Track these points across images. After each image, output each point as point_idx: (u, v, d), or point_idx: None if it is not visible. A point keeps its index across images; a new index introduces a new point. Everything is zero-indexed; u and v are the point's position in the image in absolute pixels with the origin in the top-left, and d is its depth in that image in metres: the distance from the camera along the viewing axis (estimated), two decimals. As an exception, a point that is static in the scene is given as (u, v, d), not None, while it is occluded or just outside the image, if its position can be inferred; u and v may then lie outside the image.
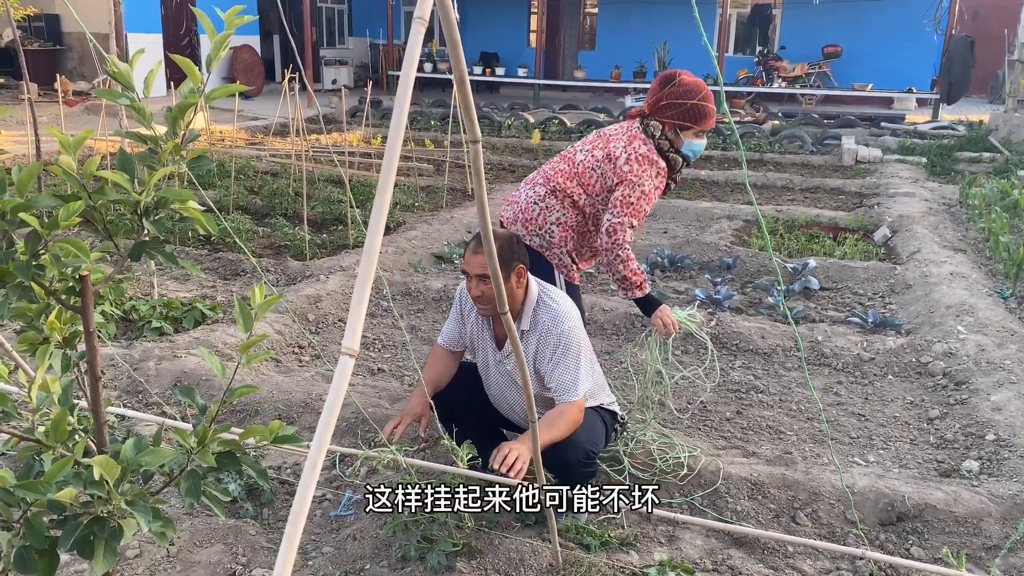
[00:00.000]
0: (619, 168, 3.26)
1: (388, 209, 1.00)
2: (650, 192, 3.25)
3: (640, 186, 3.23)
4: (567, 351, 2.75)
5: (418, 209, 7.79)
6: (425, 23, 1.08)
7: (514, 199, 3.56)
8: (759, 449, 3.54)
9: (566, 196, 3.37)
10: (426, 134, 12.59)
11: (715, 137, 12.45)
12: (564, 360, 2.75)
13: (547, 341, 2.77)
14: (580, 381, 2.75)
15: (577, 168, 3.38)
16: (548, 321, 2.78)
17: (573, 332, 2.78)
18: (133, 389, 3.90)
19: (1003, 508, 2.99)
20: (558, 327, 2.76)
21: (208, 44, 1.51)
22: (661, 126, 3.27)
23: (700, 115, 3.22)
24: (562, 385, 2.75)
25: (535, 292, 2.84)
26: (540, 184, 3.45)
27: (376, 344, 4.78)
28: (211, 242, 6.40)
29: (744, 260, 6.25)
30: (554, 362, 2.76)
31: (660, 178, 3.29)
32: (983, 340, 4.53)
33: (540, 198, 3.42)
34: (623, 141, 3.30)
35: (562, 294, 2.94)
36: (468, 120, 1.42)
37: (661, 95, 3.24)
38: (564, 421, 2.68)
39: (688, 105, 3.19)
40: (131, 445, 1.41)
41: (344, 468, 3.31)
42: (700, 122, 3.23)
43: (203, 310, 4.77)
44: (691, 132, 3.26)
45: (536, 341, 2.81)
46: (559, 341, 2.75)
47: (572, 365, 2.75)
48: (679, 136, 3.27)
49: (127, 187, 1.47)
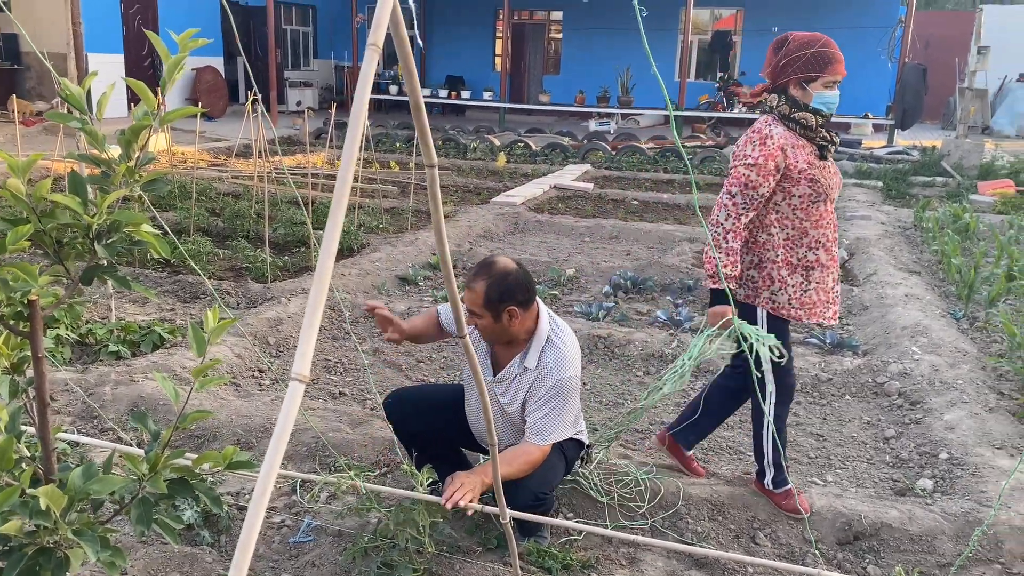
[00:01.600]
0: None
1: (340, 234, 1.00)
2: (756, 159, 2.89)
3: (741, 158, 2.94)
4: (556, 399, 2.72)
5: (383, 231, 7.77)
6: (378, 50, 1.09)
7: None
8: (719, 470, 3.57)
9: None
10: (391, 156, 12.60)
11: (678, 161, 12.64)
12: (550, 406, 2.72)
13: (544, 382, 2.73)
14: (555, 430, 2.73)
15: None
16: (552, 363, 2.73)
17: (571, 381, 2.73)
18: (88, 415, 3.82)
19: (956, 525, 3.04)
20: (560, 373, 2.71)
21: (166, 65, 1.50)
22: (781, 93, 3.00)
23: (823, 61, 2.95)
24: (538, 427, 2.72)
25: (545, 330, 2.77)
26: None
27: (338, 367, 4.75)
28: (171, 264, 6.32)
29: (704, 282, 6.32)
30: (540, 403, 2.73)
31: (771, 145, 2.90)
32: (936, 360, 4.62)
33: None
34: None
35: (572, 335, 2.86)
36: (424, 145, 1.43)
37: (779, 58, 3.01)
38: (524, 461, 2.66)
39: (808, 54, 2.95)
40: (80, 473, 1.39)
41: (304, 494, 3.27)
42: (825, 69, 2.95)
43: (162, 333, 4.70)
44: (818, 83, 2.95)
45: (533, 379, 2.76)
46: (555, 386, 2.71)
47: (556, 414, 2.72)
48: (806, 91, 2.96)
49: (79, 210, 1.46)
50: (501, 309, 2.65)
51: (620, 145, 14.06)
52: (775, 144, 2.91)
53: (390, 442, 3.47)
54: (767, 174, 2.89)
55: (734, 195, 2.91)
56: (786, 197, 2.97)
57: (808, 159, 2.95)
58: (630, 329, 5.23)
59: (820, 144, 2.99)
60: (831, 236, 3.06)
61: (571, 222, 8.63)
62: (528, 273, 2.76)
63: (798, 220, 2.99)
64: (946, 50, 21.40)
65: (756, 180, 2.89)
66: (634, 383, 4.64)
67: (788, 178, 2.94)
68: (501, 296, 2.64)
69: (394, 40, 1.26)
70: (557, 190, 10.69)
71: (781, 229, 3.01)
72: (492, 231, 8.26)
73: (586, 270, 6.80)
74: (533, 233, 8.45)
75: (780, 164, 2.91)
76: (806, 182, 2.94)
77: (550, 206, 9.87)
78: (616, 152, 13.37)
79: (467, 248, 7.39)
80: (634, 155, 13.06)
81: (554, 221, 8.70)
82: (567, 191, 10.70)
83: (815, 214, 2.99)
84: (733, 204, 2.91)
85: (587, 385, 4.60)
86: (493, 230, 8.28)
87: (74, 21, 5.00)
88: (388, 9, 1.10)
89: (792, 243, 3.01)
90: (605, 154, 13.25)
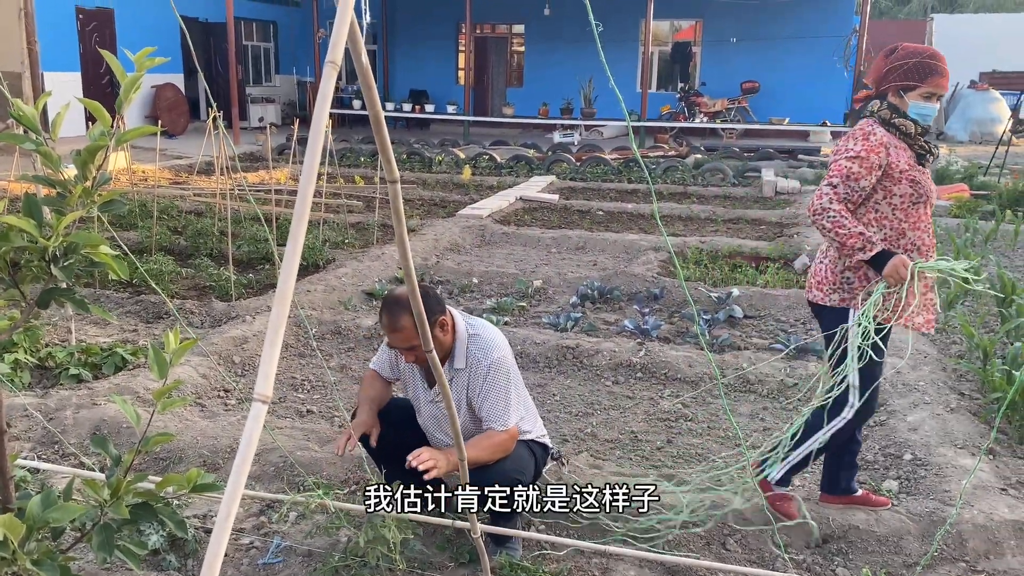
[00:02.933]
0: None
1: (301, 253, 1.00)
2: (859, 152, 2.89)
3: (842, 152, 2.95)
4: (496, 380, 2.78)
5: (348, 246, 7.73)
6: (337, 67, 1.09)
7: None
8: (690, 478, 3.59)
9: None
10: (356, 171, 12.55)
11: (641, 171, 12.74)
12: (493, 390, 2.78)
13: (477, 372, 2.80)
14: (510, 410, 2.79)
15: None
16: (477, 352, 2.81)
17: (502, 362, 2.80)
18: (48, 440, 3.74)
19: (921, 526, 3.09)
20: (488, 357, 2.79)
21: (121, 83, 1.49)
22: (882, 99, 3.01)
23: (924, 72, 2.92)
24: (493, 414, 2.77)
25: (463, 330, 2.85)
26: None
27: (305, 385, 4.70)
28: (133, 284, 6.22)
29: (670, 290, 6.38)
30: (484, 392, 2.78)
31: (874, 141, 2.91)
32: (898, 363, 4.70)
33: None
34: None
35: (489, 325, 2.96)
36: (386, 160, 1.43)
37: (884, 64, 3.03)
38: (490, 443, 2.72)
39: (911, 63, 2.94)
40: (39, 501, 1.36)
41: (272, 514, 3.22)
42: (925, 80, 2.92)
43: (124, 355, 4.62)
44: (916, 93, 2.94)
45: (468, 375, 2.82)
46: (488, 371, 2.78)
47: (502, 395, 2.78)
48: (903, 99, 2.97)
49: (34, 233, 1.43)
50: (435, 322, 2.71)
51: (584, 156, 14.15)
52: (878, 140, 2.91)
53: (359, 459, 3.44)
54: (870, 168, 2.88)
55: (835, 185, 2.89)
56: (887, 196, 2.95)
57: (908, 161, 2.95)
58: (598, 339, 5.25)
59: (919, 152, 2.99)
60: (928, 241, 3.02)
61: (537, 233, 8.66)
62: (426, 284, 2.81)
63: (897, 221, 2.96)
64: (900, 58, 21.89)
65: (858, 172, 2.88)
66: (603, 393, 4.66)
67: (889, 177, 2.93)
68: (432, 309, 2.68)
69: (352, 56, 1.26)
70: (523, 202, 10.72)
71: (880, 229, 2.97)
72: (459, 244, 8.26)
73: (553, 281, 6.82)
74: (500, 245, 8.46)
75: (882, 160, 2.90)
76: (907, 182, 2.93)
77: (516, 218, 9.89)
78: (580, 163, 13.46)
79: (434, 262, 7.38)
80: (598, 166, 13.16)
81: (520, 233, 8.72)
82: (533, 203, 10.74)
83: (914, 216, 2.97)
84: (834, 192, 2.89)
85: (556, 396, 4.61)
86: (460, 243, 8.28)
87: (29, 40, 4.93)
88: (346, 26, 1.10)
89: (889, 244, 2.95)
90: (570, 165, 13.32)
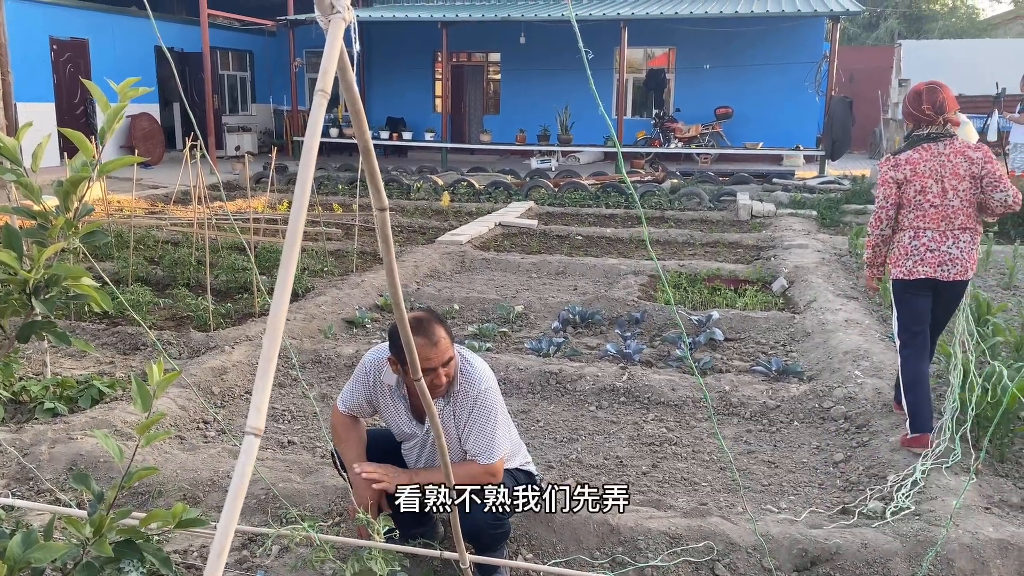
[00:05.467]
0: None
1: (292, 282, 0.98)
2: (881, 180, 4.00)
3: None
4: (482, 413, 2.75)
5: (327, 274, 7.69)
6: (327, 95, 1.09)
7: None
8: (675, 502, 3.58)
9: None
10: (334, 198, 12.53)
11: (619, 196, 12.84)
12: (480, 423, 2.74)
13: (464, 405, 2.76)
14: (496, 443, 2.75)
15: None
16: (464, 384, 2.77)
17: (488, 394, 2.77)
18: (23, 476, 3.66)
19: (908, 546, 3.09)
20: (474, 389, 2.76)
21: (104, 113, 1.47)
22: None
23: (905, 115, 4.06)
24: (479, 448, 2.74)
25: (458, 359, 2.81)
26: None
27: (286, 415, 4.65)
28: (109, 316, 6.13)
29: (651, 314, 6.40)
30: (470, 425, 2.75)
31: (889, 167, 3.98)
32: (879, 383, 4.74)
33: None
34: None
35: (475, 355, 2.93)
36: (374, 189, 1.42)
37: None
38: (465, 474, 2.69)
39: (905, 107, 4.01)
40: (19, 541, 1.32)
41: (255, 547, 3.16)
42: (907, 119, 4.06)
43: (101, 388, 4.54)
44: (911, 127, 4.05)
45: (454, 406, 2.78)
46: (475, 403, 2.75)
47: (488, 428, 2.75)
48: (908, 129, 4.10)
49: (14, 265, 1.41)
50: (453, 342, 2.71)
51: (562, 182, 14.23)
52: (893, 165, 4.02)
53: (343, 490, 3.39)
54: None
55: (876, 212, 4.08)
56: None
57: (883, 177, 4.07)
58: (581, 363, 5.25)
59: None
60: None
61: (517, 259, 8.67)
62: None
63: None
64: (869, 83, 22.31)
65: (879, 196, 4.05)
66: (587, 418, 4.64)
67: None
68: (449, 330, 2.71)
69: (342, 85, 1.25)
70: (502, 228, 10.75)
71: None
72: (439, 270, 8.24)
73: (534, 306, 6.82)
74: (480, 271, 8.45)
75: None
76: None
77: (496, 244, 9.90)
78: (558, 189, 13.53)
79: (414, 288, 7.35)
80: (576, 191, 13.23)
81: (500, 258, 8.72)
82: (512, 228, 10.76)
83: None
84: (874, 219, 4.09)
85: (540, 422, 4.59)
86: (440, 269, 8.27)
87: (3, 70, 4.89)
88: (336, 56, 1.10)
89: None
90: (548, 191, 13.39)
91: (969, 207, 3.87)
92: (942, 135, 3.90)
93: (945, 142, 3.89)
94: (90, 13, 17.70)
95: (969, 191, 3.86)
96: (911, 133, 4.00)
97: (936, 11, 32.98)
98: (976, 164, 3.84)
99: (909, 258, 3.94)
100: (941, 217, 3.87)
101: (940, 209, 3.86)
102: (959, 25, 31.79)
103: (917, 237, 3.92)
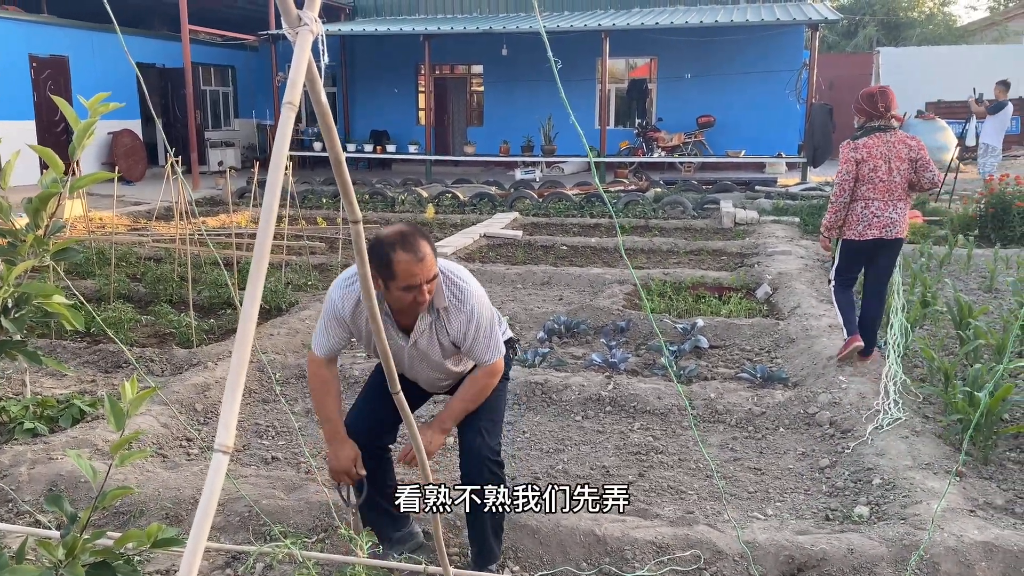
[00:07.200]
0: None
1: (260, 297, 0.97)
2: (843, 159, 4.98)
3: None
4: (480, 324, 2.81)
5: (311, 288, 7.65)
6: (295, 108, 1.08)
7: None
8: (662, 511, 3.57)
9: None
10: (318, 212, 12.49)
11: (602, 206, 12.87)
12: (480, 330, 2.82)
13: (457, 318, 2.79)
14: (495, 344, 2.89)
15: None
16: (454, 299, 2.79)
17: (482, 306, 2.83)
18: (2, 498, 3.61)
19: (893, 550, 3.09)
20: (467, 304, 2.79)
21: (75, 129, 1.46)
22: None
23: (858, 110, 5.04)
24: (480, 353, 2.86)
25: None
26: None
27: (269, 431, 4.61)
28: (91, 334, 6.08)
29: (636, 323, 6.40)
30: (472, 334, 2.80)
31: (850, 149, 4.97)
32: (863, 388, 4.75)
33: None
34: None
35: (457, 265, 2.96)
36: (347, 202, 1.41)
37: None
38: (476, 391, 2.88)
39: (860, 104, 5.05)
40: (-11, 564, 1.30)
41: (238, 566, 3.13)
42: (860, 114, 5.05)
43: (82, 407, 4.49)
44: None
45: (449, 314, 2.79)
46: (470, 317, 2.79)
47: (486, 333, 2.84)
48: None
49: (-17, 284, 1.39)
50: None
51: (546, 192, 14.26)
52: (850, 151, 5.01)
53: (327, 506, 3.37)
54: None
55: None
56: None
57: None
58: (567, 374, 5.24)
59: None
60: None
61: (502, 269, 8.67)
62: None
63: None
64: (849, 90, 22.42)
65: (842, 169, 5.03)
66: (573, 428, 4.63)
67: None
68: (434, 246, 2.69)
69: (311, 97, 1.25)
70: (487, 239, 10.75)
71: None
72: (423, 283, 8.21)
73: (520, 317, 6.81)
74: (465, 283, 8.43)
75: None
76: None
77: (481, 254, 9.90)
78: (543, 199, 13.55)
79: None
80: (560, 202, 13.26)
81: (485, 269, 8.71)
82: (497, 239, 10.76)
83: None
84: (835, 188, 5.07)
85: (526, 433, 4.57)
86: (424, 282, 8.24)
87: (-20, 88, 4.84)
88: (303, 68, 1.09)
89: None
90: (532, 202, 13.41)
91: (905, 183, 4.89)
92: (888, 127, 4.93)
93: (891, 132, 4.92)
94: (70, 31, 17.61)
95: (907, 171, 4.87)
96: (864, 124, 5.00)
97: (914, 18, 33.32)
98: (913, 150, 4.88)
99: (860, 223, 4.93)
100: (886, 190, 4.87)
101: (886, 184, 4.86)
102: (936, 32, 32.13)
103: (867, 207, 4.90)
